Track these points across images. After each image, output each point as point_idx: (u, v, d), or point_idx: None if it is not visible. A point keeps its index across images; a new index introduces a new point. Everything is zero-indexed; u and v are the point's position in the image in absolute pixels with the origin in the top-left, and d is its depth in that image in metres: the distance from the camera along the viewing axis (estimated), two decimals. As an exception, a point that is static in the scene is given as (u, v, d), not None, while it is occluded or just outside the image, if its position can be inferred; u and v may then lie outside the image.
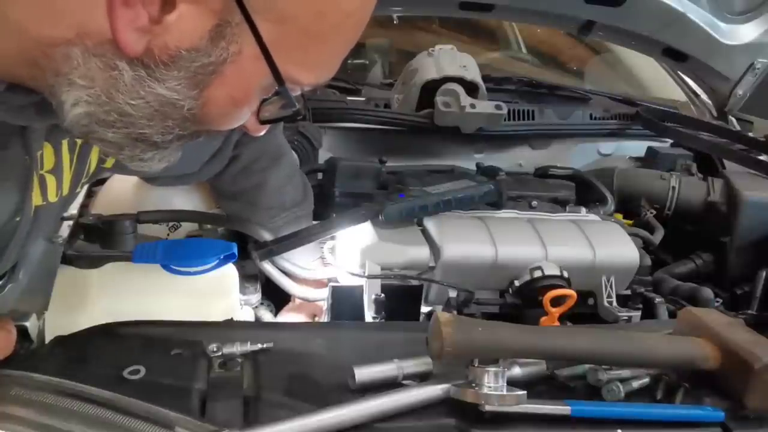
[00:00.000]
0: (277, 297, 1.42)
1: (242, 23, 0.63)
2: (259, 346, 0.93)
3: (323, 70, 0.73)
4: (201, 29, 0.63)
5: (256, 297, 1.38)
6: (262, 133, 0.80)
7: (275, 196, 1.33)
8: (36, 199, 0.84)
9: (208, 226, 1.36)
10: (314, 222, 1.37)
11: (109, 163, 1.02)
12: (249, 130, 0.78)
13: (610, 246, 1.36)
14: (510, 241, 1.32)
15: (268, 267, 1.30)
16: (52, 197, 0.88)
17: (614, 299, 1.32)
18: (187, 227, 1.36)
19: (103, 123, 0.67)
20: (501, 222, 1.38)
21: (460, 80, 1.67)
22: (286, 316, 1.38)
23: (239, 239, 1.34)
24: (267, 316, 1.39)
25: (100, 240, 1.18)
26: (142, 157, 0.73)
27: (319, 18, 0.66)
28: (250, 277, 1.37)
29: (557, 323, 1.24)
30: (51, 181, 0.86)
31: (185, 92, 0.67)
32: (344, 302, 1.21)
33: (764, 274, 1.48)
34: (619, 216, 1.61)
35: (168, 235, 1.34)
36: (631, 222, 1.60)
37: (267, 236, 1.29)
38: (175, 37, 0.63)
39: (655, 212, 1.63)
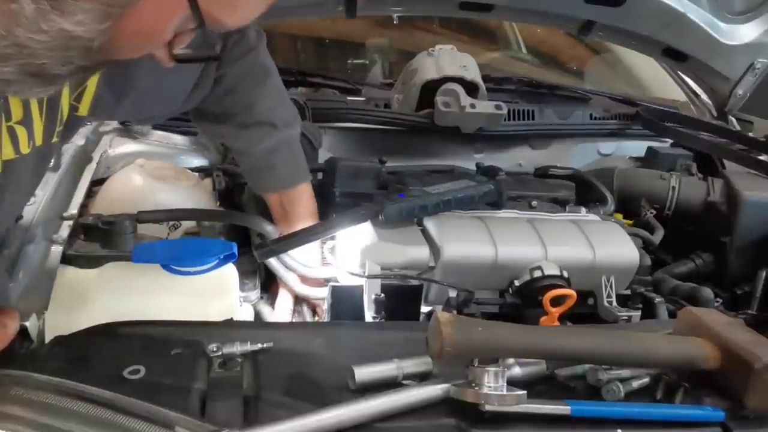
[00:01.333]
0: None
1: None
2: (259, 345, 0.93)
3: (248, 12, 0.69)
4: None
5: (255, 293, 1.38)
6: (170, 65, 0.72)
7: (265, 117, 1.31)
8: (7, 152, 0.80)
9: (207, 223, 1.36)
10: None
11: (83, 111, 0.97)
12: (160, 61, 0.73)
13: (610, 246, 1.36)
14: (510, 241, 1.32)
15: (273, 262, 1.30)
16: (24, 149, 0.84)
17: (614, 299, 1.32)
18: (187, 227, 1.36)
19: None
20: (501, 222, 1.38)
21: (460, 80, 1.67)
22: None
23: (238, 237, 1.34)
24: (267, 310, 1.39)
25: (100, 240, 1.18)
26: (29, 93, 0.68)
27: None
28: (249, 273, 1.37)
29: (557, 323, 1.24)
30: (22, 132, 0.82)
31: (93, 26, 0.60)
32: (344, 302, 1.21)
33: (764, 274, 1.48)
34: (619, 216, 1.60)
35: (168, 235, 1.34)
36: (631, 222, 1.59)
37: (269, 229, 1.28)
38: None
39: (655, 212, 1.63)
